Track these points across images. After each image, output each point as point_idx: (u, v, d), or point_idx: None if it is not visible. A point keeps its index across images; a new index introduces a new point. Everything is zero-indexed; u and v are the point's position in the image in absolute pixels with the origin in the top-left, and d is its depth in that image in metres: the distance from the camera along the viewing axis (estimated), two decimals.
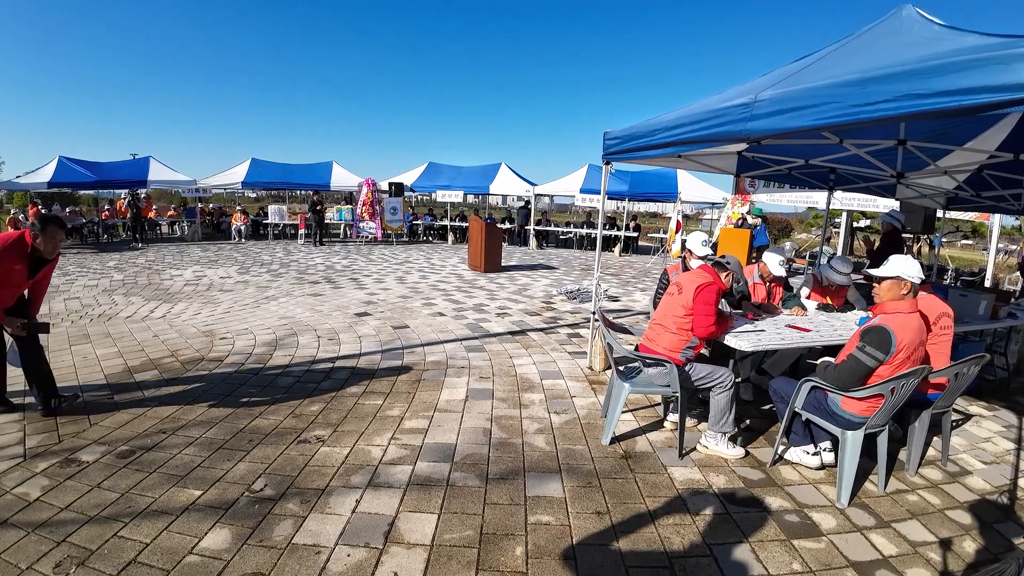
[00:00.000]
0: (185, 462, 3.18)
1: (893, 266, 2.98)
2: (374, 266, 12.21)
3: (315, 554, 2.40)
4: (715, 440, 3.45)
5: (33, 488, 2.86)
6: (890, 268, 2.98)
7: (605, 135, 4.47)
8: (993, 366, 5.30)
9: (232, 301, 7.87)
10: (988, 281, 10.51)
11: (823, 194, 8.14)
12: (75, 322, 6.43)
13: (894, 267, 2.97)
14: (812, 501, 2.98)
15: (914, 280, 2.93)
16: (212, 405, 4.01)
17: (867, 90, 2.34)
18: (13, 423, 3.64)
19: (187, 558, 2.36)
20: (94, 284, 9.08)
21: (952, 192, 5.75)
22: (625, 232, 18.19)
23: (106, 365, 4.87)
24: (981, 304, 4.66)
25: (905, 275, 2.93)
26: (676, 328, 3.48)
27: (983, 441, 3.94)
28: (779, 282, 4.74)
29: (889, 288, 2.97)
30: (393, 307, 7.70)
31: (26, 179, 16.32)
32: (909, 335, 2.86)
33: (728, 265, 3.66)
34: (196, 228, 18.91)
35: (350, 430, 3.66)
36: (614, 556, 2.45)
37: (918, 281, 2.95)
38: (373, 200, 17.40)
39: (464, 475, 3.12)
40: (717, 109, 3.16)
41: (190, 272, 10.63)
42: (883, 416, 2.99)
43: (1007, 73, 1.92)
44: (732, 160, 5.45)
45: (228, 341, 5.72)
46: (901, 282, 2.93)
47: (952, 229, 16.92)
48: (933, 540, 2.69)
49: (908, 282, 2.92)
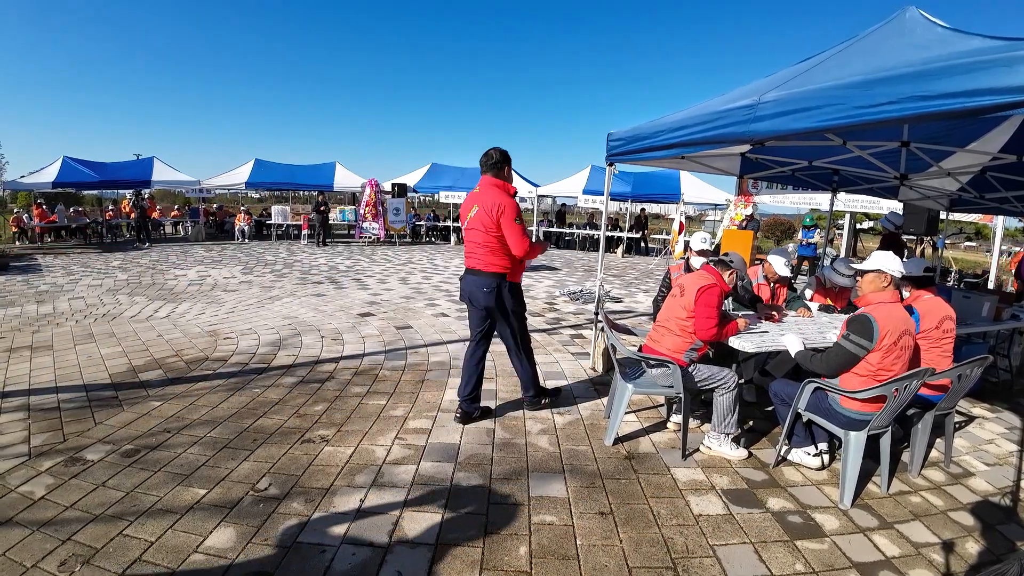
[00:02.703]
0: (190, 461, 3.19)
1: (874, 260, 3.12)
2: (377, 267, 12.24)
3: (320, 553, 2.42)
4: (718, 441, 3.46)
5: (38, 487, 2.88)
6: (871, 262, 3.13)
7: (609, 136, 4.47)
8: (996, 368, 5.29)
9: (236, 301, 7.89)
10: (991, 283, 10.48)
11: (826, 196, 8.14)
12: (79, 321, 6.46)
13: (875, 261, 3.11)
14: (815, 502, 2.98)
15: (893, 273, 3.05)
16: (216, 404, 4.03)
17: (871, 92, 2.34)
18: (18, 422, 3.66)
19: (192, 556, 2.37)
20: (98, 284, 9.12)
21: (955, 194, 5.74)
22: (628, 233, 18.20)
23: (111, 364, 4.90)
24: (984, 306, 4.66)
25: (885, 268, 3.06)
26: (679, 330, 3.48)
27: (986, 443, 3.94)
28: (783, 283, 4.74)
29: (871, 281, 3.12)
30: (396, 307, 7.72)
31: (30, 179, 16.40)
32: (892, 323, 2.92)
33: (731, 263, 3.66)
34: (200, 228, 18.99)
35: (354, 430, 3.67)
36: (617, 556, 2.46)
37: (898, 275, 3.06)
38: (376, 201, 17.44)
39: (468, 475, 3.13)
40: (721, 111, 3.17)
41: (194, 272, 10.67)
42: (886, 417, 3.00)
43: (1011, 75, 1.92)
44: (735, 161, 5.45)
45: (232, 341, 5.74)
46: (881, 275, 3.07)
47: (955, 231, 16.88)
48: (936, 541, 2.69)
49: (888, 275, 3.05)
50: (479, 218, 3.51)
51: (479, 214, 3.51)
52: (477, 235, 3.55)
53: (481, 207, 3.51)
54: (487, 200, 3.50)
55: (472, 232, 3.59)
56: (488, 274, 3.56)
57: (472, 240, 3.61)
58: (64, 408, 3.91)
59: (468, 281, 3.65)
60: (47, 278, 9.62)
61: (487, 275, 3.57)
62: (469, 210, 3.60)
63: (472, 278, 3.62)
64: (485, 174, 3.65)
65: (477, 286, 3.58)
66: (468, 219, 3.60)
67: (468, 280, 3.65)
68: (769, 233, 27.90)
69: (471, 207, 3.58)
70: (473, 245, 3.61)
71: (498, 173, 3.66)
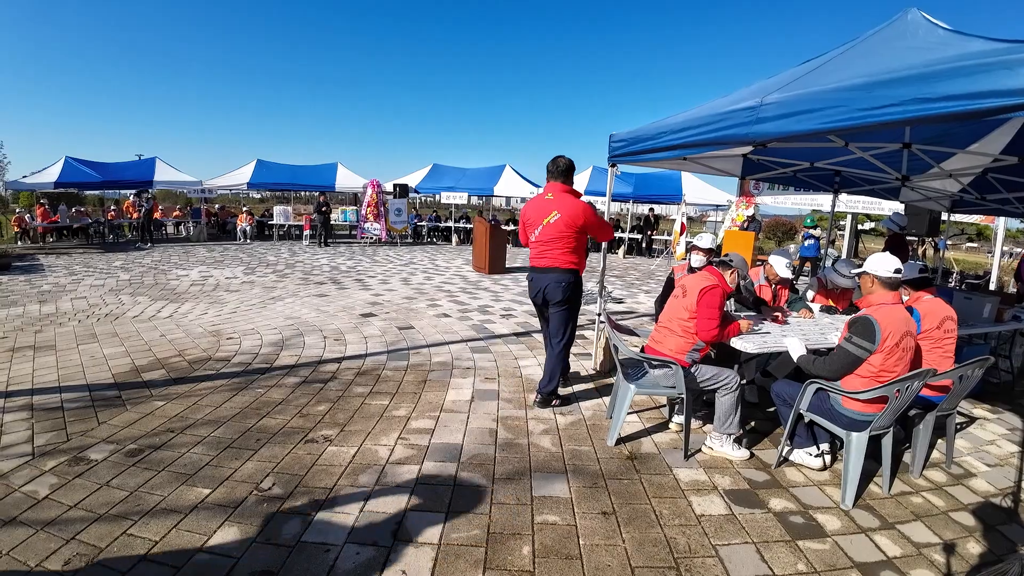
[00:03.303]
0: (193, 461, 3.20)
1: (867, 262, 3.14)
2: (379, 267, 12.25)
3: (324, 552, 2.43)
4: (720, 442, 3.47)
5: (42, 486, 2.89)
6: (864, 265, 3.15)
7: (611, 137, 4.48)
8: (998, 369, 5.29)
9: (238, 301, 7.91)
10: (993, 284, 10.48)
11: (828, 197, 8.15)
12: (82, 321, 6.47)
13: (866, 263, 3.14)
14: (817, 503, 2.99)
15: (877, 274, 3.05)
16: (220, 404, 4.04)
17: (874, 94, 2.35)
18: (21, 421, 3.67)
19: (196, 556, 2.38)
20: (100, 284, 9.14)
21: (957, 195, 5.75)
22: (629, 234, 18.20)
23: (113, 364, 4.91)
24: (986, 307, 4.66)
25: (870, 270, 3.08)
26: (682, 331, 3.49)
27: (987, 444, 3.95)
28: (785, 284, 4.75)
29: (862, 282, 3.17)
30: (398, 308, 7.73)
31: (32, 179, 16.43)
32: (894, 324, 2.93)
33: (731, 263, 3.67)
34: (202, 229, 19.02)
35: (357, 430, 3.68)
36: (620, 556, 2.47)
37: (882, 274, 3.05)
38: (378, 201, 17.46)
39: (471, 475, 3.14)
40: (724, 112, 3.17)
41: (196, 272, 10.69)
42: (888, 418, 3.00)
43: (1013, 78, 1.93)
44: (737, 163, 5.46)
45: (235, 341, 5.76)
46: (866, 276, 3.10)
47: (957, 232, 16.88)
48: (937, 542, 2.70)
49: (872, 276, 3.07)
50: (562, 222, 3.85)
51: (562, 219, 3.85)
52: (558, 237, 3.88)
53: (564, 213, 3.85)
54: (568, 207, 3.86)
55: (551, 233, 3.89)
56: (565, 270, 3.93)
57: (549, 241, 3.91)
58: (67, 408, 3.92)
59: (543, 278, 3.95)
60: (49, 278, 9.64)
61: (564, 271, 3.93)
62: (547, 215, 3.89)
63: (549, 275, 3.93)
64: (555, 181, 3.98)
65: (556, 281, 3.91)
66: (547, 223, 3.88)
67: (543, 277, 3.95)
68: (770, 234, 27.89)
69: (549, 212, 3.88)
70: (550, 246, 3.91)
71: (567, 180, 4.00)
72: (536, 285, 4.00)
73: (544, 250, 3.94)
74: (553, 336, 4.09)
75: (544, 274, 3.95)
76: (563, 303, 3.97)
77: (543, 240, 3.92)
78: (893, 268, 3.03)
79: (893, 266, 3.03)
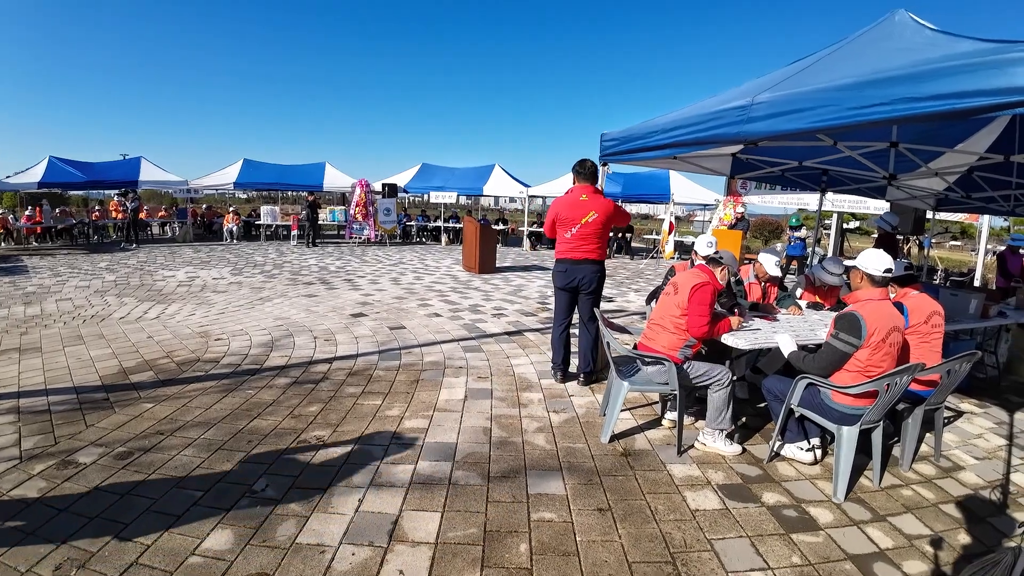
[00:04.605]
0: (184, 463, 3.17)
1: (859, 257, 3.19)
2: (368, 267, 12.19)
3: (319, 553, 2.41)
4: (713, 437, 3.49)
5: (30, 490, 2.84)
6: (857, 259, 3.20)
7: (602, 136, 4.50)
8: (984, 364, 5.38)
9: (226, 302, 7.83)
10: (977, 281, 10.66)
11: (814, 196, 8.24)
12: (68, 323, 6.38)
13: (859, 259, 3.19)
14: (809, 496, 3.02)
15: (866, 270, 3.10)
16: (209, 406, 4.00)
17: (863, 94, 2.38)
18: (7, 424, 3.61)
19: (189, 559, 2.35)
20: (86, 285, 9.01)
21: (942, 193, 5.84)
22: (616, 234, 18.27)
23: (101, 366, 4.84)
24: (971, 303, 4.74)
25: (859, 265, 3.14)
26: (674, 327, 3.51)
27: (975, 437, 4.01)
28: (774, 282, 4.80)
29: (852, 277, 3.23)
30: (389, 308, 7.70)
31: (16, 179, 16.16)
32: (880, 320, 2.97)
33: (721, 260, 3.70)
34: (187, 229, 18.81)
35: (350, 430, 3.66)
36: (617, 551, 2.48)
37: (872, 271, 3.09)
38: (366, 201, 17.38)
39: (466, 474, 3.14)
40: (714, 111, 3.20)
41: (183, 273, 10.57)
42: (877, 412, 3.04)
43: (999, 77, 1.97)
44: (726, 162, 5.51)
45: (223, 342, 5.70)
46: (856, 271, 3.16)
47: (941, 230, 17.13)
48: (928, 533, 2.74)
49: (862, 272, 3.12)
50: (599, 221, 4.37)
51: (599, 218, 4.36)
52: (594, 233, 4.40)
53: (600, 211, 4.36)
54: (603, 207, 4.38)
55: (589, 231, 4.39)
56: (597, 261, 4.50)
57: (587, 236, 4.40)
58: (55, 410, 3.86)
59: (579, 269, 4.44)
60: (34, 279, 9.48)
61: (596, 262, 4.49)
62: (585, 214, 4.36)
63: (587, 266, 4.44)
64: (586, 183, 4.46)
65: (592, 271, 4.45)
66: (585, 222, 4.36)
67: (579, 268, 4.44)
68: (757, 233, 28.14)
69: (587, 212, 4.35)
70: (587, 240, 4.41)
71: (595, 180, 4.52)
72: (571, 275, 4.47)
73: (580, 244, 4.42)
74: (586, 317, 4.59)
75: (579, 265, 4.45)
76: (597, 289, 4.52)
77: (581, 236, 4.39)
78: (884, 268, 3.04)
79: (884, 266, 3.05)
